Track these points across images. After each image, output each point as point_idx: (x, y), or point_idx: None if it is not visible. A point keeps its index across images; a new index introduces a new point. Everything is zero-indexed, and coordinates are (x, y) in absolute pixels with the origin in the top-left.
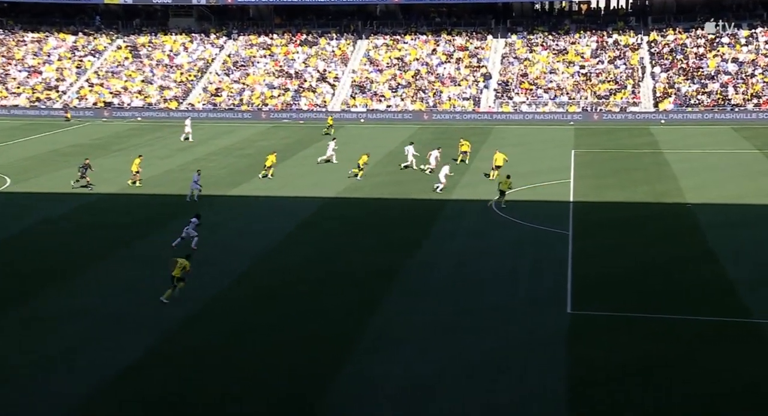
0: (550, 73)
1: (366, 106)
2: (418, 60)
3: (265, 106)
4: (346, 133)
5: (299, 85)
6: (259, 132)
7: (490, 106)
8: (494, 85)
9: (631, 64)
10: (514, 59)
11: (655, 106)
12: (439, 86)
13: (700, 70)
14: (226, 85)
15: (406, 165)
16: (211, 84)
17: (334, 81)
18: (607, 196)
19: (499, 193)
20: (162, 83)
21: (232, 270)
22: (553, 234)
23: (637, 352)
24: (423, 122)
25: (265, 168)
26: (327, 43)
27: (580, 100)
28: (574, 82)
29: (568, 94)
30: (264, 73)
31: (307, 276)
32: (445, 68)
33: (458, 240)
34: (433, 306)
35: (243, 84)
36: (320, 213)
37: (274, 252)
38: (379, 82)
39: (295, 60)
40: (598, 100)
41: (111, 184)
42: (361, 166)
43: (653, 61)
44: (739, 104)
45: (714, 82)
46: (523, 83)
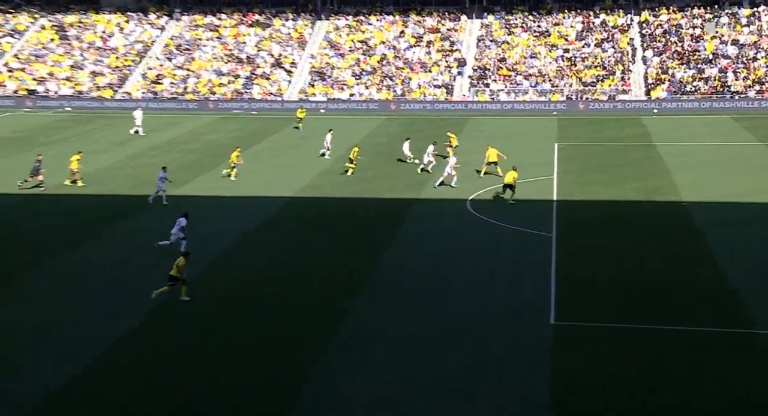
0: (531, 57)
1: (326, 95)
2: (384, 43)
3: (213, 94)
4: (306, 124)
5: (251, 71)
6: (206, 124)
7: (465, 95)
8: (469, 71)
9: (620, 48)
10: (491, 42)
11: (647, 94)
12: (407, 73)
13: (697, 53)
14: (168, 72)
15: (417, 162)
16: (151, 70)
17: (290, 67)
18: (594, 193)
19: (503, 187)
20: (94, 69)
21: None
22: (535, 237)
23: (627, 367)
24: (390, 112)
25: (229, 167)
26: (282, 24)
27: (564, 87)
28: (558, 67)
29: (550, 81)
30: (211, 57)
31: (270, 281)
32: (415, 52)
33: (431, 243)
34: (397, 318)
35: (187, 70)
36: (280, 215)
37: (226, 258)
38: (341, 68)
39: (246, 43)
40: (584, 87)
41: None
42: (354, 160)
43: (645, 44)
44: (740, 91)
45: (712, 67)
46: (501, 69)
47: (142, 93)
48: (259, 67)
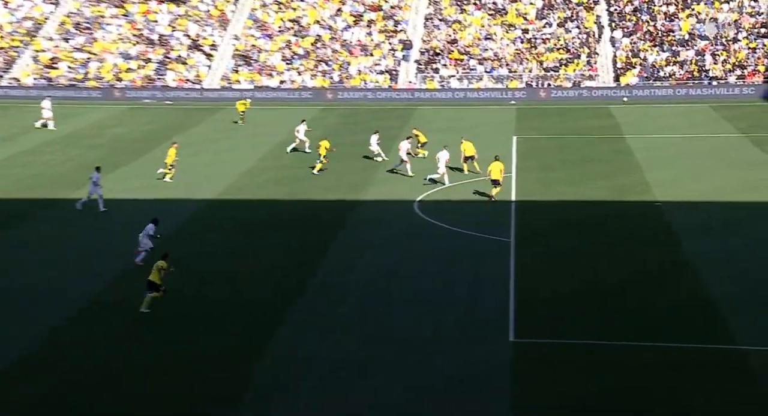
0: (486, 39)
1: (253, 82)
2: (318, 23)
3: (120, 81)
4: (228, 116)
5: (164, 54)
6: (113, 115)
7: (411, 82)
8: (416, 55)
9: (586, 28)
10: (441, 22)
11: (616, 79)
12: (345, 57)
13: (671, 34)
14: (64, 54)
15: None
16: (44, 52)
17: (210, 50)
18: (557, 193)
19: (492, 182)
20: None
21: (77, 297)
22: (492, 243)
23: (597, 389)
24: (326, 102)
25: (167, 166)
26: None
27: (523, 73)
28: (516, 50)
29: (508, 65)
30: (117, 38)
31: (176, 310)
32: (354, 33)
33: (374, 252)
34: (339, 338)
35: (88, 53)
36: (196, 222)
37: (132, 273)
38: (269, 51)
39: (157, 22)
40: (546, 73)
41: None
42: (323, 157)
43: (613, 24)
44: (719, 77)
45: (688, 49)
46: (452, 52)
47: (34, 79)
48: (173, 49)
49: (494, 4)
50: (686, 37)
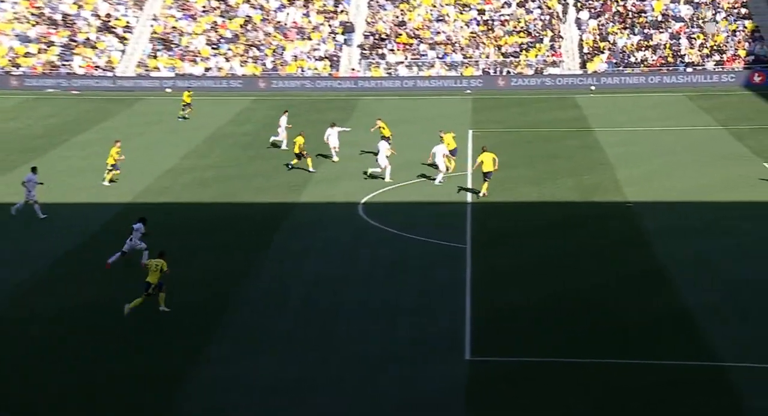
0: (438, 21)
1: (174, 69)
2: (248, 2)
3: (17, 68)
4: (144, 108)
5: (70, 37)
6: (8, 107)
7: (354, 69)
8: (359, 38)
9: (549, 8)
10: (387, 1)
11: (583, 66)
12: (280, 41)
13: (643, 15)
14: None
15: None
16: None
17: (123, 32)
18: (518, 193)
19: (484, 177)
20: None
21: None
22: (446, 249)
23: (561, 412)
24: (258, 92)
25: (107, 169)
26: None
27: (480, 59)
28: (471, 33)
29: (462, 50)
30: (12, 18)
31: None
32: (289, 14)
33: (314, 261)
34: (272, 361)
35: None
36: (110, 230)
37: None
38: (193, 34)
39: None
40: (505, 58)
41: None
42: (304, 154)
43: (579, 3)
44: (696, 62)
45: (661, 32)
46: (400, 36)
47: None
48: (80, 32)
49: None
50: (659, 19)
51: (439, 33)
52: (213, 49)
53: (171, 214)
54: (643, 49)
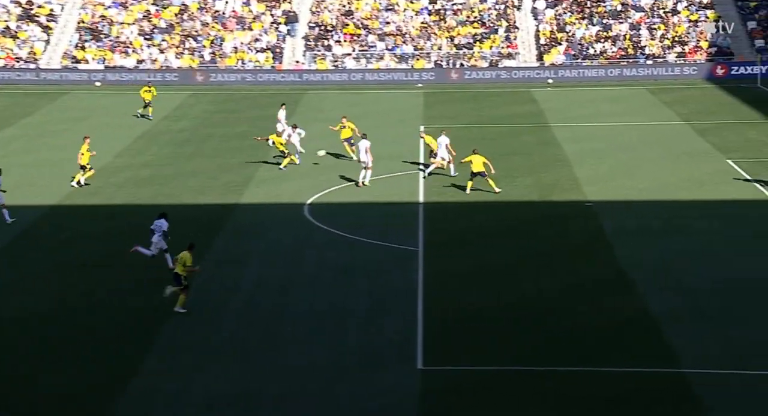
0: (387, 10)
1: (104, 61)
2: None
3: None
4: (72, 102)
5: None
6: None
7: (298, 62)
8: (303, 29)
9: None
10: None
11: (539, 58)
12: (218, 31)
13: (601, 4)
14: None
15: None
16: None
17: (48, 21)
18: (473, 193)
19: (471, 177)
20: None
21: None
22: (396, 252)
23: None
24: (195, 86)
25: (82, 172)
26: None
27: (432, 50)
28: (422, 24)
29: (413, 41)
30: None
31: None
32: (228, 3)
33: (257, 267)
34: (213, 373)
35: None
36: (30, 235)
37: None
38: (124, 23)
39: None
40: (458, 50)
41: None
42: (285, 152)
43: None
44: (657, 54)
45: (621, 22)
46: (347, 26)
47: None
48: None
49: None
50: (618, 9)
51: (388, 23)
52: (146, 39)
53: (102, 217)
54: (602, 40)
